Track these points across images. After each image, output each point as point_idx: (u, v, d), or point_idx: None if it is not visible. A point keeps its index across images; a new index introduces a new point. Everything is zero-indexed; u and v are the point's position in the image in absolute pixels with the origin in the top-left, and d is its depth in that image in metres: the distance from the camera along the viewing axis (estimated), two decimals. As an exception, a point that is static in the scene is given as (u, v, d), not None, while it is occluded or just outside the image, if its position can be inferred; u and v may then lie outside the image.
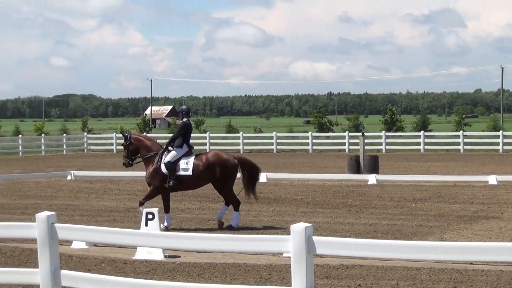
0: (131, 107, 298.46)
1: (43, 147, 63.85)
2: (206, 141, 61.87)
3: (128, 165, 20.35)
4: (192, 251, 13.91)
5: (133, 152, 19.93)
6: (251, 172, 19.44)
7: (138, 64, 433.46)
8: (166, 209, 19.09)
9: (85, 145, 66.84)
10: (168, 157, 19.03)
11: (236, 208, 18.90)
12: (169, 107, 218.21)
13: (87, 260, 14.03)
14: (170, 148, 19.29)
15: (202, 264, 13.68)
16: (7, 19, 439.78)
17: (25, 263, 13.60)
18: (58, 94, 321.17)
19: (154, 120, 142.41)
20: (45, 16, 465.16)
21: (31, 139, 68.87)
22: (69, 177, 34.33)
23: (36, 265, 8.52)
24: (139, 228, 14.74)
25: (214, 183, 19.26)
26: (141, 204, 19.04)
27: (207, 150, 59.48)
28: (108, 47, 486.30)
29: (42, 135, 72.00)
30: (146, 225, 14.53)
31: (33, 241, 9.66)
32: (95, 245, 15.40)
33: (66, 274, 8.13)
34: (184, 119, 19.94)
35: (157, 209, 14.94)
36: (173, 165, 18.92)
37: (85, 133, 76.77)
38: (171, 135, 23.78)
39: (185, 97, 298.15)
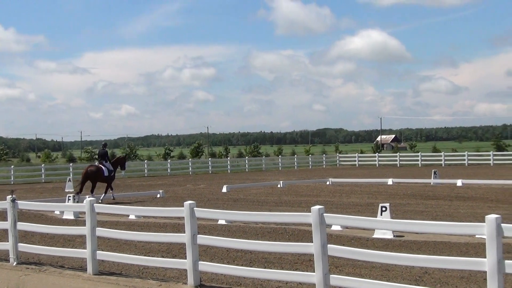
0: (367, 136, 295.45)
1: (310, 163, 64.82)
2: (419, 158, 60.25)
3: None
4: (411, 232, 13.57)
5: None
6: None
7: (370, 107, 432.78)
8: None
9: (337, 161, 66.96)
10: None
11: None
12: (392, 136, 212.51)
13: (342, 238, 14.01)
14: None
15: (419, 241, 13.24)
16: (285, 80, 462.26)
17: (301, 239, 13.85)
18: (319, 128, 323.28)
19: (382, 145, 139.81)
20: (307, 77, 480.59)
21: (302, 158, 70.12)
22: (327, 183, 34.63)
23: (309, 241, 8.54)
24: (375, 216, 14.55)
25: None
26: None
27: (419, 165, 58.06)
28: (348, 96, 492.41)
29: (309, 155, 73.43)
30: (381, 214, 14.31)
31: (307, 225, 9.77)
32: (346, 228, 15.38)
33: (331, 247, 8.04)
34: (101, 148, 26.17)
35: (389, 204, 14.64)
36: None
37: (337, 154, 77.50)
38: (395, 154, 23.48)
39: (403, 128, 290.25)
